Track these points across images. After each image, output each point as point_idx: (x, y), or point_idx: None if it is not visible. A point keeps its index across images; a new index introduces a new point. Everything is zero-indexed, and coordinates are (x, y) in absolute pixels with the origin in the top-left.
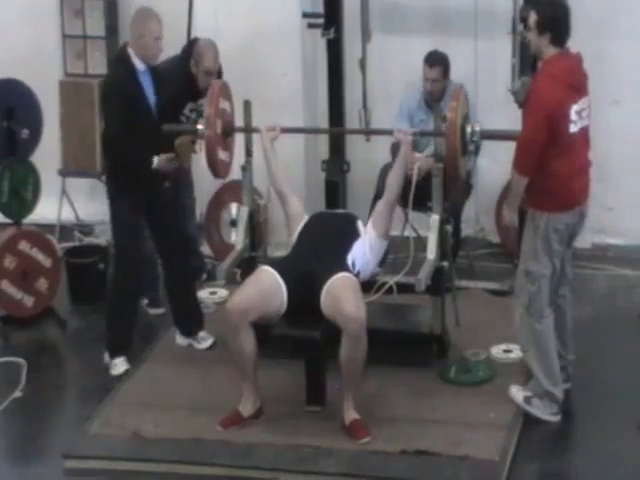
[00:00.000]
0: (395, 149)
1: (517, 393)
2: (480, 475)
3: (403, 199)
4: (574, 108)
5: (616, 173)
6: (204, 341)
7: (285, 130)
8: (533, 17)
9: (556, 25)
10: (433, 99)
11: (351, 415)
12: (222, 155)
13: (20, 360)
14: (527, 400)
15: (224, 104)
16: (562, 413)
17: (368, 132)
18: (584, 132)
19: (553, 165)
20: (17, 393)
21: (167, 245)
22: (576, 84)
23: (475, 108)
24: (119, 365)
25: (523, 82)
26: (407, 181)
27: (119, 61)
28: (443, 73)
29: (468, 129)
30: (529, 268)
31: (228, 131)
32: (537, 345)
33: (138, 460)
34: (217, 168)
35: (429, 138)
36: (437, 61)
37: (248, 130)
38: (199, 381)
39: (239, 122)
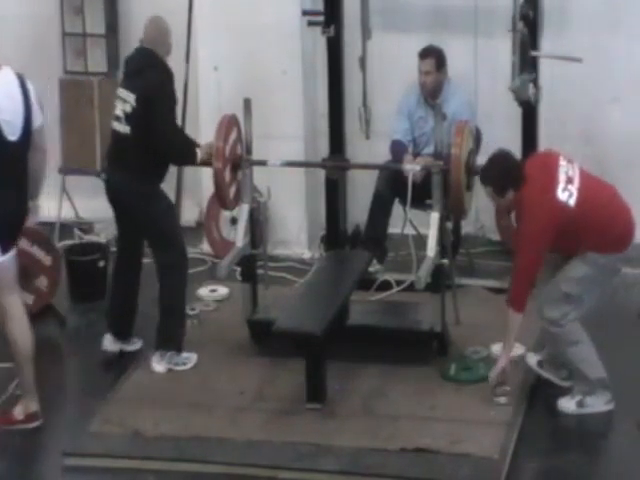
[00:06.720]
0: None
1: (568, 404)
2: (480, 473)
3: (402, 197)
4: (558, 192)
5: (616, 171)
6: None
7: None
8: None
9: (506, 176)
10: (429, 94)
11: None
12: (232, 191)
13: None
14: (579, 404)
15: (233, 135)
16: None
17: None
18: (584, 177)
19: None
20: (17, 391)
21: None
22: (552, 174)
23: (475, 106)
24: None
25: (523, 80)
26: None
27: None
28: (436, 65)
29: None
30: (572, 292)
31: (237, 165)
32: (569, 344)
33: (138, 458)
34: (226, 204)
35: (429, 137)
36: (429, 52)
37: (258, 163)
38: (199, 379)
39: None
